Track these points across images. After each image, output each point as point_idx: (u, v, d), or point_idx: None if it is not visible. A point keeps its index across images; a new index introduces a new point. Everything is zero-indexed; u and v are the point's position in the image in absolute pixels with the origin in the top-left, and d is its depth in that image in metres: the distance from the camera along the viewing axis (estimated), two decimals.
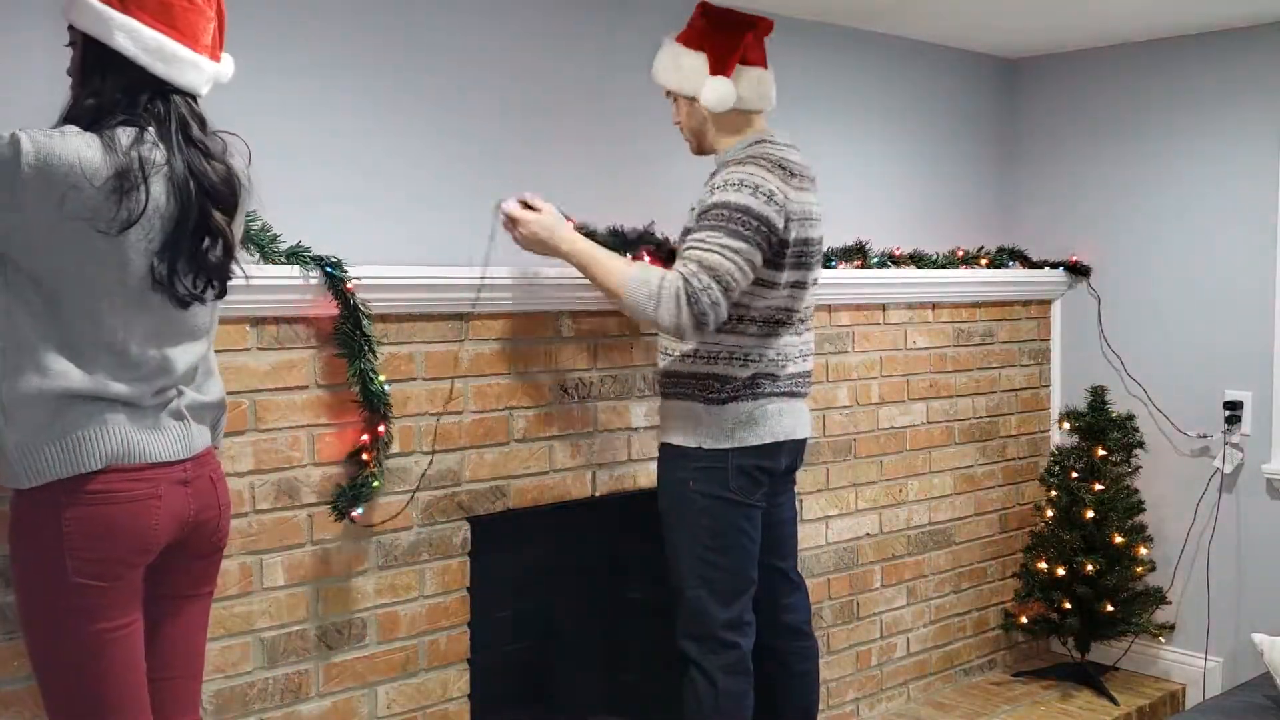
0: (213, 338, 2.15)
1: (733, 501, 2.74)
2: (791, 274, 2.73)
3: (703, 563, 2.75)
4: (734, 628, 2.76)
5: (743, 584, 2.79)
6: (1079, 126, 4.32)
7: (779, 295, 2.72)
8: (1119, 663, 4.24)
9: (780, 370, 2.78)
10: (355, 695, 2.74)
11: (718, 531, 2.75)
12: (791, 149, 2.78)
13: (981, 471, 4.21)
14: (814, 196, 2.80)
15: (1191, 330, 4.08)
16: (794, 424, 2.84)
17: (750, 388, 2.74)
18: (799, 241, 2.71)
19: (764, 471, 2.78)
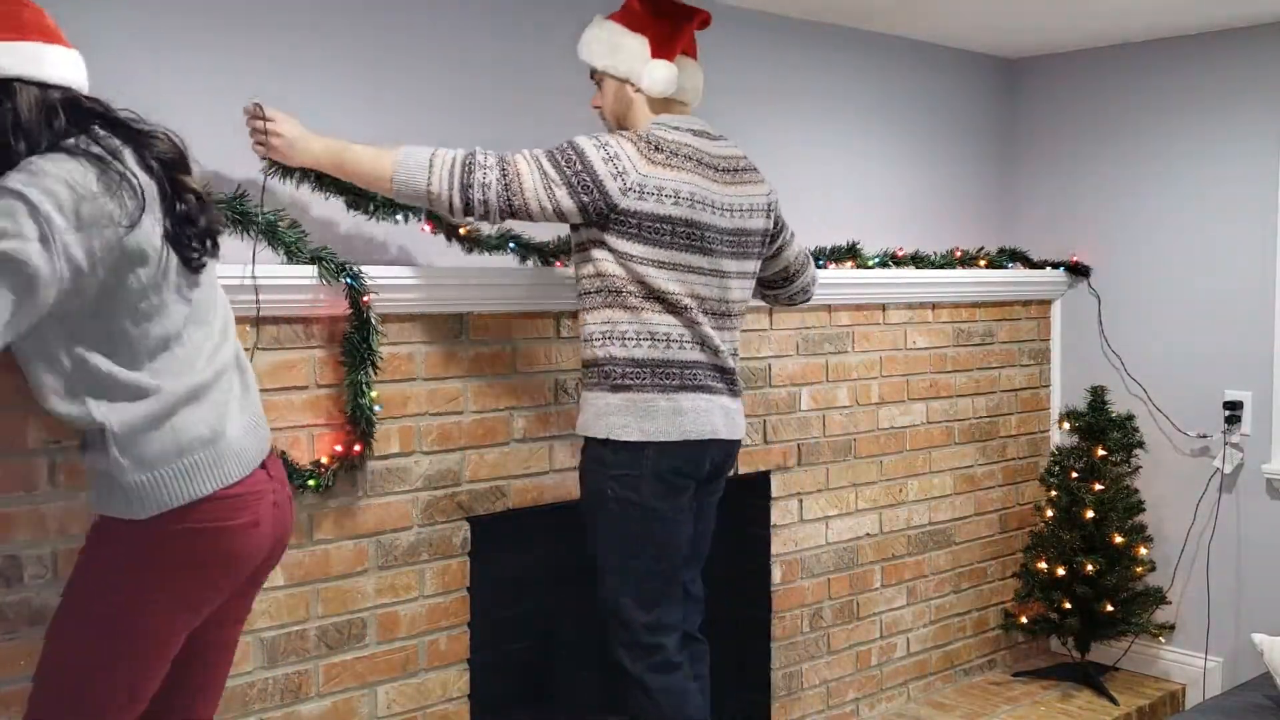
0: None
1: (648, 508, 2.58)
2: (647, 249, 2.53)
3: (621, 568, 2.62)
4: (657, 630, 2.64)
5: (664, 587, 2.64)
6: (1079, 126, 4.32)
7: (642, 269, 2.53)
8: (1119, 663, 4.24)
9: (682, 356, 2.59)
10: (355, 695, 2.74)
11: (630, 535, 2.61)
12: (686, 133, 2.62)
13: (981, 471, 4.21)
14: (707, 182, 2.60)
15: (1191, 330, 4.08)
16: (714, 422, 2.64)
17: (654, 374, 2.56)
18: (653, 217, 2.52)
19: (685, 476, 2.61)
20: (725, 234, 2.66)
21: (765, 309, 3.49)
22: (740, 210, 2.69)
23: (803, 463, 3.63)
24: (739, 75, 3.54)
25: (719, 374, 2.67)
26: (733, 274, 2.69)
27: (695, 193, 2.59)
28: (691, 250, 2.59)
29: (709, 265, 2.63)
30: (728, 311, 2.70)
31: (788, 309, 3.43)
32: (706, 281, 2.63)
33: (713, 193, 2.63)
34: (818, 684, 3.70)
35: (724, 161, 2.69)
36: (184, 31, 2.53)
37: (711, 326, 2.64)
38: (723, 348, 2.67)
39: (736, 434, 2.74)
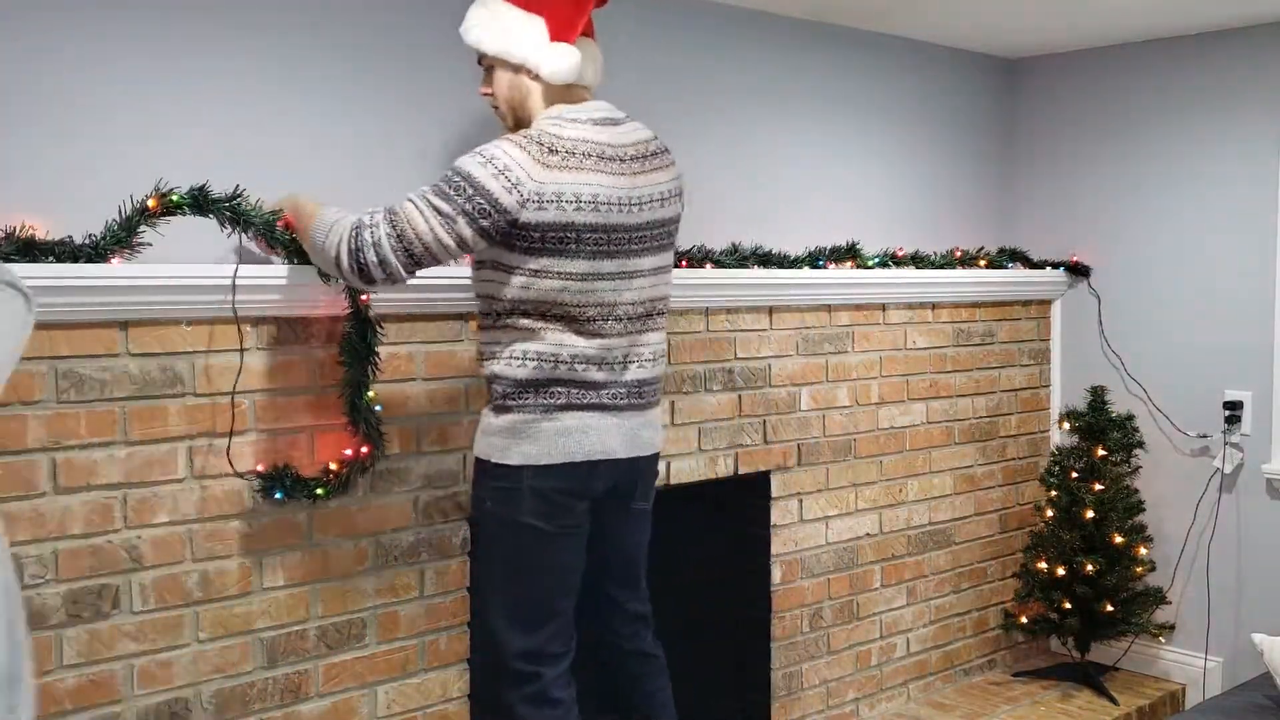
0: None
1: (530, 527, 2.41)
2: (551, 261, 2.34)
3: (498, 589, 2.48)
4: (532, 658, 2.45)
5: (543, 615, 2.46)
6: (1079, 126, 4.32)
7: (539, 286, 2.35)
8: (1119, 663, 4.24)
9: (581, 376, 2.40)
10: (355, 695, 2.74)
11: (510, 557, 2.45)
12: (586, 125, 2.40)
13: (981, 471, 4.21)
14: (608, 179, 2.39)
15: (1191, 330, 4.08)
16: (605, 442, 2.44)
17: (538, 395, 2.38)
18: (554, 226, 2.32)
19: (571, 495, 2.43)
20: (638, 230, 2.45)
21: (765, 309, 3.49)
22: (653, 201, 2.48)
23: (803, 463, 3.63)
24: (739, 75, 3.54)
25: (624, 388, 2.46)
26: (648, 271, 2.49)
27: (600, 194, 2.37)
28: (600, 256, 2.39)
29: (619, 269, 2.42)
30: (648, 312, 2.50)
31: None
32: (617, 286, 2.43)
33: (620, 189, 2.40)
34: (818, 684, 3.70)
35: (631, 150, 2.45)
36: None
37: (622, 335, 2.45)
38: (633, 357, 2.47)
39: (642, 450, 2.52)
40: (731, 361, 3.43)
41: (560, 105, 2.43)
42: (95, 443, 2.34)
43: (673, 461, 3.30)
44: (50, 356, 2.28)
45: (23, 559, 2.27)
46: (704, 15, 3.45)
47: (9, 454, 2.25)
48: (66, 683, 2.33)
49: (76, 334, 2.30)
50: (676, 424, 3.30)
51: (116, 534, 2.38)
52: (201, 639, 2.50)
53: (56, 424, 2.29)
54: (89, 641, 2.36)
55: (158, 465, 2.42)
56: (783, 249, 3.51)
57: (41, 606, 2.30)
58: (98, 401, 2.34)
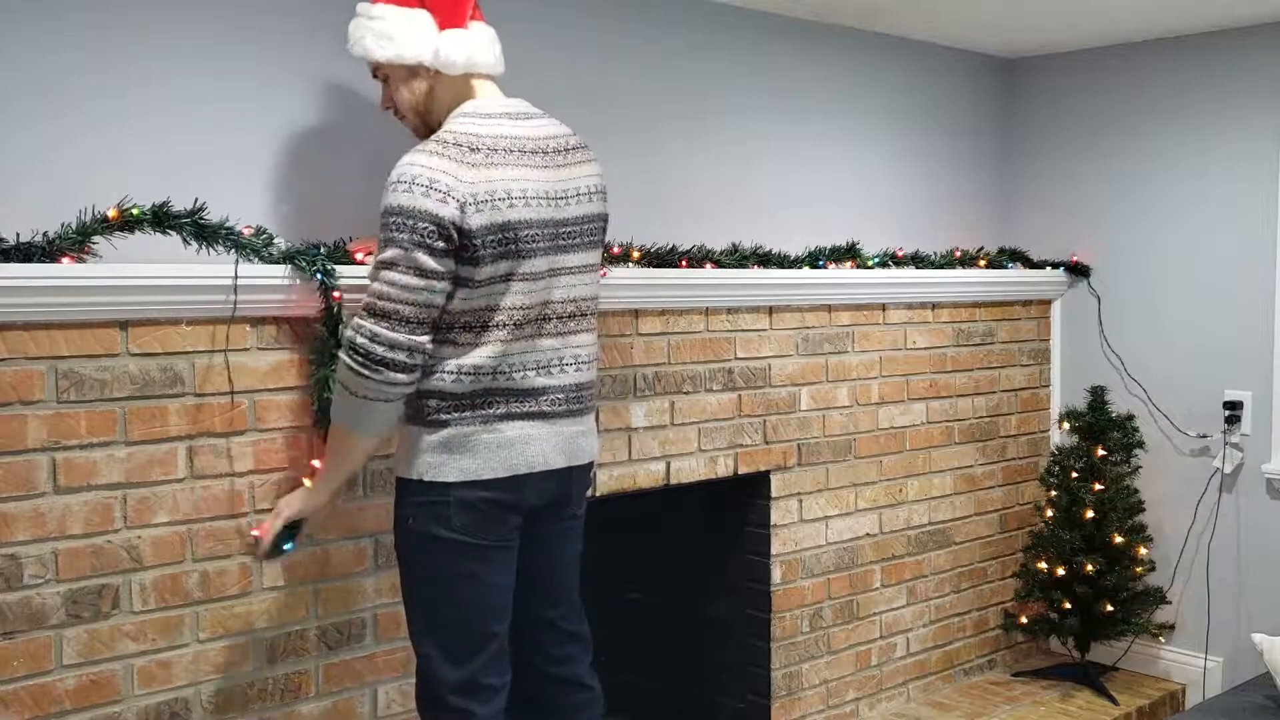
0: None
1: (457, 542, 2.28)
2: (495, 266, 2.23)
3: (426, 615, 2.34)
4: (466, 691, 2.31)
5: (476, 640, 2.32)
6: (1079, 126, 4.32)
7: (482, 294, 2.24)
8: (1119, 663, 4.24)
9: (520, 384, 2.30)
10: (355, 695, 2.74)
11: (435, 579, 2.31)
12: (500, 119, 2.30)
13: (981, 471, 4.21)
14: (534, 172, 2.29)
15: (1191, 330, 4.08)
16: (544, 452, 2.33)
17: (475, 407, 2.27)
18: (492, 228, 2.21)
19: (502, 506, 2.31)
20: (567, 226, 2.34)
21: (765, 309, 3.49)
22: (576, 196, 2.37)
23: (803, 463, 3.63)
24: (739, 75, 3.54)
25: (562, 393, 2.36)
26: (576, 269, 2.38)
27: (528, 188, 2.26)
28: (532, 255, 2.28)
29: (548, 266, 2.31)
30: (578, 312, 2.39)
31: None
32: (547, 285, 2.32)
33: (542, 183, 2.30)
34: (818, 684, 3.70)
35: (549, 143, 2.34)
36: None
37: (555, 337, 2.34)
38: (569, 359, 2.37)
39: (579, 459, 2.41)
40: (731, 361, 3.43)
41: (469, 102, 2.33)
42: (95, 443, 2.34)
43: (673, 461, 3.30)
44: (50, 356, 2.28)
45: (23, 559, 2.27)
46: (704, 15, 3.45)
47: (9, 454, 2.25)
48: (66, 683, 2.33)
49: (76, 334, 2.30)
50: (676, 424, 3.30)
51: (116, 534, 2.38)
52: (201, 639, 2.50)
53: (56, 424, 2.29)
54: (89, 641, 2.36)
55: (158, 465, 2.42)
56: (783, 249, 3.51)
57: (41, 606, 2.29)
58: (98, 401, 2.34)
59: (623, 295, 3.11)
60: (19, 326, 2.24)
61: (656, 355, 3.25)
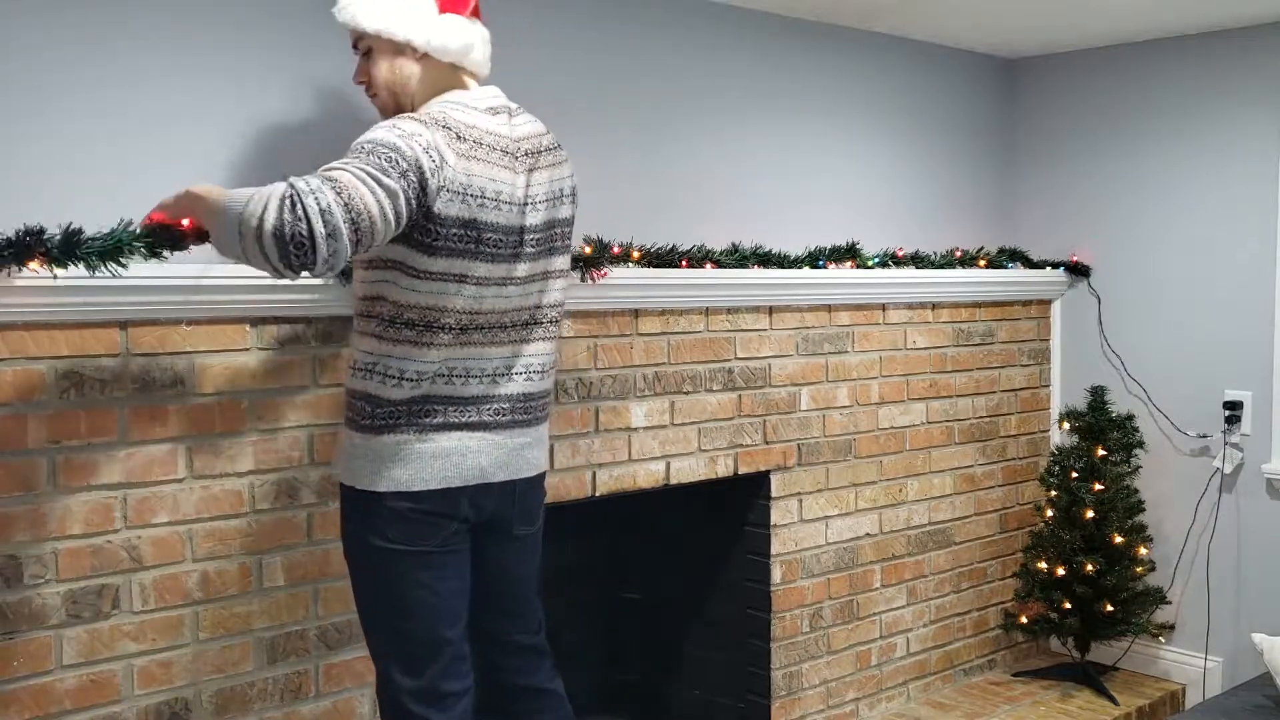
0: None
1: (397, 551, 2.19)
2: (451, 262, 2.12)
3: (378, 625, 2.28)
4: (425, 699, 2.24)
5: (430, 648, 2.24)
6: (1079, 126, 4.32)
7: (432, 291, 2.13)
8: (1119, 663, 4.24)
9: (452, 391, 2.19)
10: (355, 695, 2.74)
11: (384, 587, 2.23)
12: (483, 114, 2.20)
13: (981, 471, 4.21)
14: (507, 174, 2.19)
15: (1191, 330, 4.08)
16: (482, 465, 2.23)
17: (412, 415, 2.16)
18: (460, 222, 2.10)
19: (436, 516, 2.21)
20: (530, 233, 2.24)
21: (765, 309, 3.49)
22: (548, 200, 2.28)
23: (803, 462, 3.63)
24: (740, 75, 3.54)
25: (506, 403, 2.26)
26: (540, 275, 2.29)
27: (501, 190, 2.16)
28: (499, 259, 2.18)
29: (507, 273, 2.21)
30: (535, 320, 2.30)
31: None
32: (509, 292, 2.22)
33: (517, 186, 2.20)
34: (818, 684, 3.70)
35: (526, 144, 2.25)
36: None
37: (507, 343, 2.25)
38: (519, 369, 2.27)
39: (523, 472, 2.31)
40: (731, 361, 3.43)
41: (455, 91, 2.23)
42: (95, 443, 2.34)
43: (673, 461, 3.30)
44: (50, 356, 2.28)
45: (23, 559, 2.27)
46: (704, 15, 3.45)
47: (9, 454, 2.25)
48: (66, 683, 2.33)
49: (76, 334, 2.30)
50: (676, 424, 3.30)
51: (116, 534, 2.38)
52: (201, 639, 2.50)
53: (56, 424, 2.29)
54: (89, 641, 2.36)
55: (158, 465, 2.42)
56: (783, 249, 3.51)
57: (41, 606, 2.30)
58: (98, 401, 2.34)
59: (623, 295, 3.12)
60: (19, 326, 2.24)
61: (656, 355, 3.26)
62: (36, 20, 2.32)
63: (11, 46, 2.30)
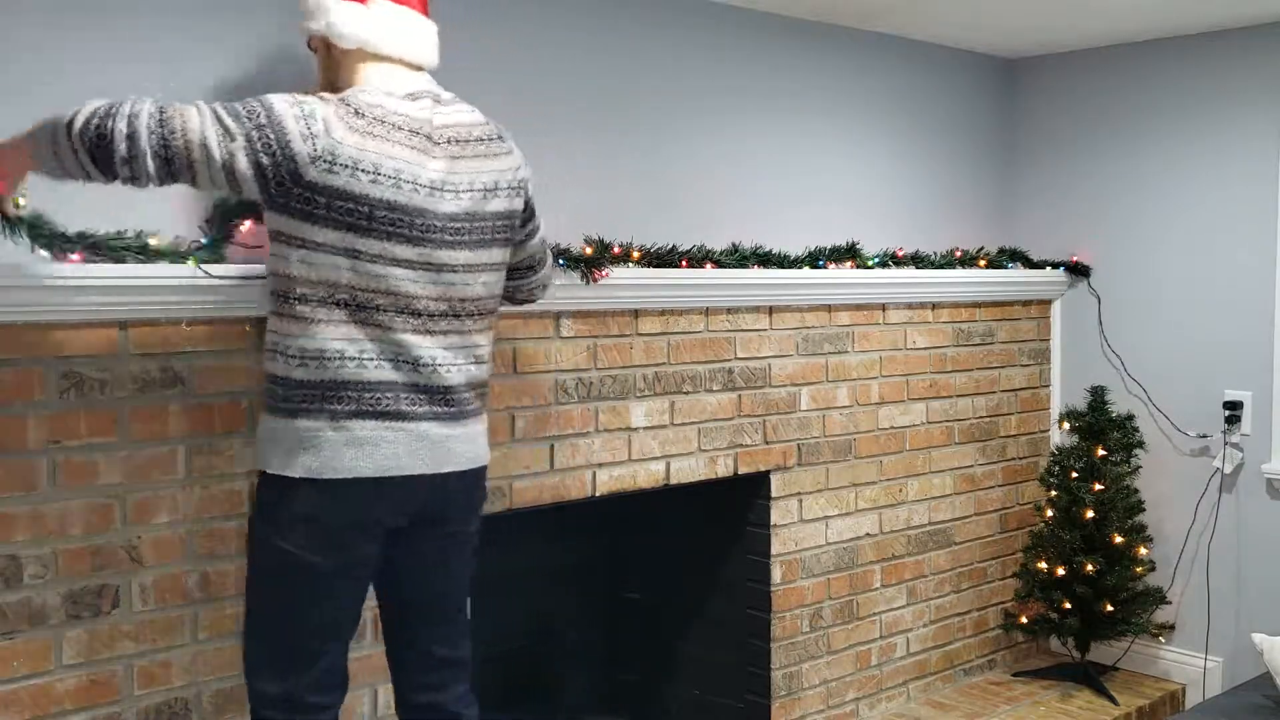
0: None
1: (297, 558, 2.12)
2: (339, 236, 2.09)
3: (256, 616, 2.22)
4: (285, 706, 2.17)
5: (303, 656, 2.18)
6: (1079, 126, 4.32)
7: (322, 264, 2.10)
8: (1119, 663, 4.24)
9: (361, 375, 2.13)
10: (354, 695, 2.73)
11: (273, 589, 2.18)
12: (400, 98, 2.19)
13: (981, 471, 4.21)
14: (415, 155, 2.16)
15: (1191, 330, 4.08)
16: (399, 455, 2.16)
17: (325, 400, 2.11)
18: (343, 194, 2.08)
19: (351, 526, 2.15)
20: (452, 220, 2.21)
21: (765, 309, 3.49)
22: (470, 190, 2.24)
23: (803, 463, 3.63)
24: (740, 75, 3.54)
25: (424, 394, 2.19)
26: (462, 267, 2.23)
27: (402, 170, 2.13)
28: (397, 239, 2.14)
29: (422, 258, 2.17)
30: (458, 312, 2.23)
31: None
32: (418, 277, 2.17)
33: (428, 169, 2.18)
34: (818, 684, 3.70)
35: (450, 131, 2.23)
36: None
37: (421, 333, 2.18)
38: (440, 359, 2.20)
39: (454, 466, 2.23)
40: (731, 361, 3.44)
41: (375, 79, 2.23)
42: (95, 443, 2.34)
43: (673, 461, 3.30)
44: (50, 356, 2.28)
45: (23, 559, 2.27)
46: (704, 15, 3.45)
47: (9, 454, 2.25)
48: (66, 683, 2.33)
49: (76, 334, 2.30)
50: (676, 424, 3.30)
51: (116, 534, 2.38)
52: (201, 639, 2.50)
53: (56, 424, 2.29)
54: (89, 641, 2.36)
55: (158, 465, 2.42)
56: (783, 249, 3.51)
57: (41, 606, 2.30)
58: (98, 401, 2.34)
59: (623, 295, 3.12)
60: (19, 326, 2.24)
61: (656, 355, 3.26)
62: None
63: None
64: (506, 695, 3.40)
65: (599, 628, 3.76)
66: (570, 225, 3.03)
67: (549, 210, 2.68)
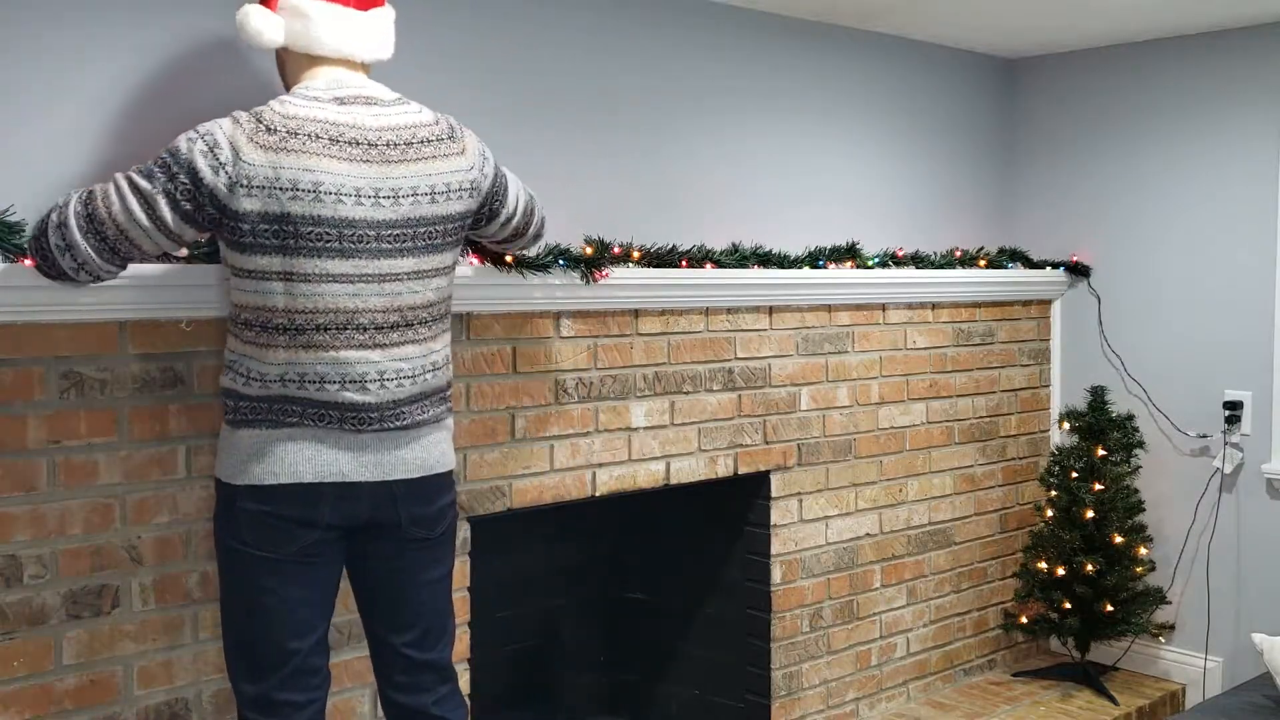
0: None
1: (249, 555, 2.17)
2: (269, 260, 2.08)
3: (228, 624, 2.26)
4: (261, 708, 2.21)
5: (272, 656, 2.20)
6: (1079, 126, 4.32)
7: (257, 290, 2.11)
8: (1119, 663, 4.24)
9: (307, 395, 2.13)
10: (355, 695, 2.74)
11: (235, 588, 2.23)
12: (325, 104, 2.14)
13: (981, 471, 4.21)
14: (349, 166, 2.11)
15: (1191, 330, 4.08)
16: (339, 461, 2.16)
17: (271, 411, 2.14)
18: (266, 217, 2.06)
19: (290, 521, 2.16)
20: (391, 228, 2.15)
21: (765, 309, 3.49)
22: (415, 195, 2.17)
23: (803, 462, 3.63)
24: (740, 75, 3.54)
25: (375, 411, 2.17)
26: (408, 275, 2.18)
27: (323, 181, 2.07)
28: (327, 255, 2.09)
29: (358, 270, 2.12)
30: (404, 322, 2.19)
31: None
32: (358, 291, 2.13)
33: (360, 178, 2.11)
34: (818, 684, 3.70)
35: (387, 134, 2.16)
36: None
37: (369, 347, 2.15)
38: (390, 373, 2.18)
39: (395, 474, 2.21)
40: (731, 361, 3.44)
41: (301, 84, 2.19)
42: (95, 443, 2.34)
43: (673, 461, 3.30)
44: (50, 356, 2.28)
45: (23, 559, 2.27)
46: (704, 15, 3.45)
47: (9, 454, 2.25)
48: (66, 683, 2.33)
49: (76, 334, 2.30)
50: (676, 424, 3.31)
51: (116, 534, 2.38)
52: (201, 639, 2.50)
53: (56, 424, 2.29)
54: (89, 641, 2.36)
55: (157, 465, 2.42)
56: (783, 249, 3.51)
57: (41, 606, 2.30)
58: (98, 401, 2.34)
59: (623, 295, 3.12)
60: (19, 326, 2.24)
61: (656, 355, 3.26)
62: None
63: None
64: (506, 695, 3.40)
65: (599, 628, 3.76)
66: (570, 225, 3.03)
67: (549, 210, 2.69)
